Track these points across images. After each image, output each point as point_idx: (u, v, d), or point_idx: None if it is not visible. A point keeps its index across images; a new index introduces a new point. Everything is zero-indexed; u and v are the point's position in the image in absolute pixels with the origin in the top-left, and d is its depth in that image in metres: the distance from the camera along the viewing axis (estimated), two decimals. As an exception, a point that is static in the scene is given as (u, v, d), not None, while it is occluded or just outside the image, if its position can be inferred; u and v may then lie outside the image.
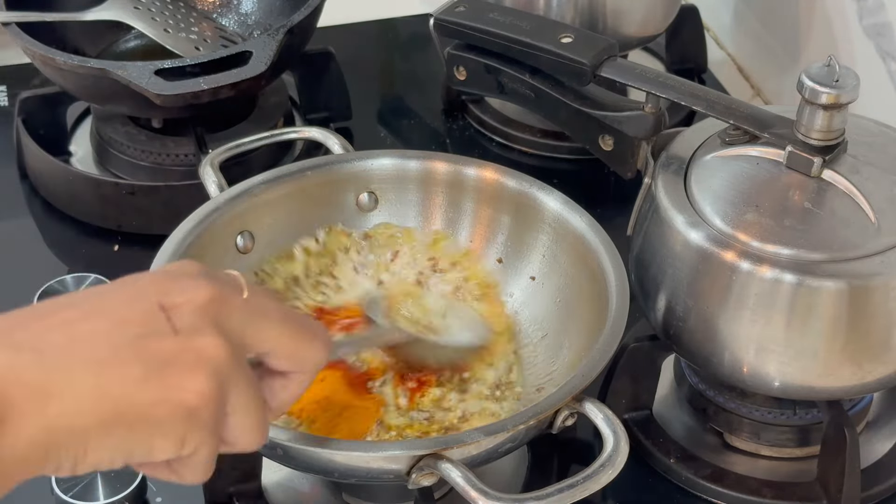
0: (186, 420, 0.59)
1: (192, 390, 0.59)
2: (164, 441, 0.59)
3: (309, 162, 0.96)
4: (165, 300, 0.61)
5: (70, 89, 1.11)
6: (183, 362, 0.59)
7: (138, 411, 0.58)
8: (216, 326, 0.61)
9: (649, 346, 0.91)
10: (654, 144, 0.92)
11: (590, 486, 0.73)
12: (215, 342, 0.60)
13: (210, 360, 0.60)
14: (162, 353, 0.59)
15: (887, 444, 0.92)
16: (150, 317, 0.60)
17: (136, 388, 0.58)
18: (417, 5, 1.36)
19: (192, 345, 0.60)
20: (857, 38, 1.16)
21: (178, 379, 0.59)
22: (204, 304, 0.61)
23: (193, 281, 0.62)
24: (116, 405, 0.57)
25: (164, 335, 0.60)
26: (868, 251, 0.81)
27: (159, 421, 0.58)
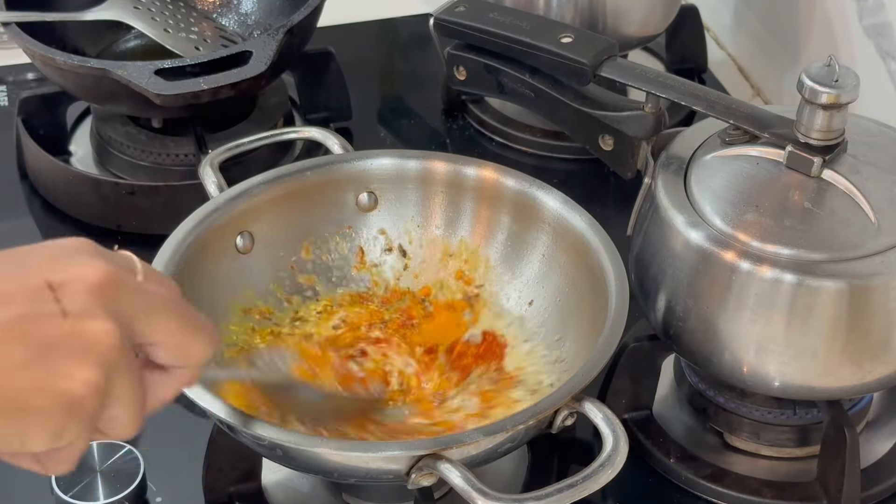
0: (67, 411, 0.55)
1: (79, 379, 0.55)
2: (40, 433, 0.55)
3: (309, 162, 0.96)
4: (54, 277, 0.56)
5: (70, 89, 1.11)
6: (70, 348, 0.55)
7: (16, 399, 0.54)
8: (107, 310, 0.57)
9: (649, 346, 0.91)
10: (654, 144, 0.92)
11: (589, 485, 0.73)
12: (106, 327, 0.56)
13: (99, 347, 0.56)
14: (47, 335, 0.55)
15: (887, 444, 0.92)
16: (36, 294, 0.56)
17: (17, 373, 0.54)
18: (417, 5, 1.36)
19: (81, 329, 0.56)
20: (857, 38, 1.16)
21: (63, 366, 0.55)
22: (96, 284, 0.57)
23: (86, 258, 0.58)
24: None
25: (51, 316, 0.56)
26: (868, 251, 0.81)
27: (39, 410, 0.55)
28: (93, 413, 0.56)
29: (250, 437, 0.76)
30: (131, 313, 0.58)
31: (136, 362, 0.59)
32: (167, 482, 0.88)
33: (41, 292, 0.56)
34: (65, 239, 0.60)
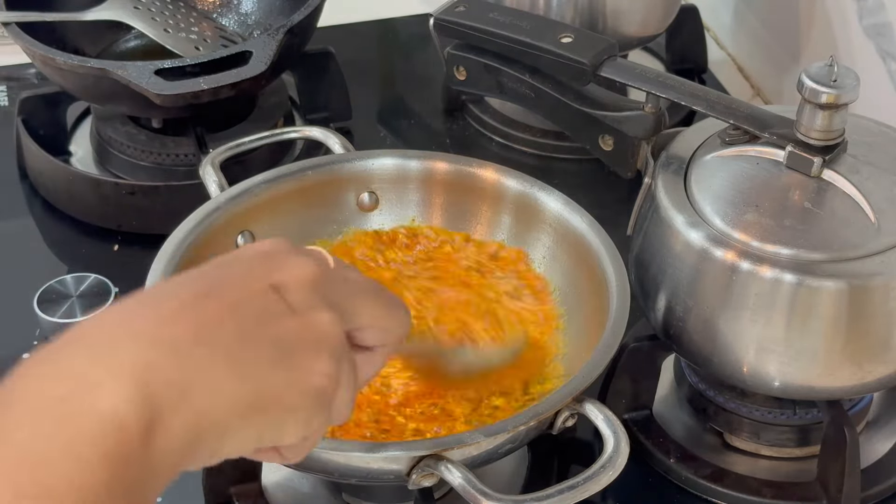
0: (315, 402, 0.58)
1: (319, 371, 0.58)
2: (295, 425, 0.58)
3: (309, 162, 0.96)
4: (274, 279, 0.59)
5: (70, 89, 1.11)
6: (306, 342, 0.58)
7: (273, 395, 0.57)
8: (325, 301, 0.60)
9: (649, 346, 0.91)
10: (654, 144, 0.92)
11: (590, 486, 0.73)
12: (330, 318, 0.60)
13: (328, 337, 0.59)
14: (285, 333, 0.58)
15: (887, 444, 0.92)
16: (264, 297, 0.58)
17: (270, 371, 0.56)
18: (417, 5, 1.36)
19: (310, 322, 0.59)
20: (857, 38, 1.16)
21: (305, 360, 0.58)
22: (312, 280, 0.60)
23: (294, 258, 0.61)
24: (253, 391, 0.56)
25: (283, 315, 0.58)
26: (868, 251, 0.81)
27: (292, 405, 0.57)
28: (331, 401, 0.59)
29: (251, 438, 0.76)
30: (341, 302, 0.61)
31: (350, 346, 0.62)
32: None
33: (267, 294, 0.59)
34: (262, 242, 0.63)
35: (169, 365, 0.54)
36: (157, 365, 0.53)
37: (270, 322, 0.58)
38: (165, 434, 0.52)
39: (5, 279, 1.06)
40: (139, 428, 0.51)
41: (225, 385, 0.55)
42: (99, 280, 1.00)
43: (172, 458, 0.53)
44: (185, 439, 0.53)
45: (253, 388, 0.56)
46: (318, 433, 0.60)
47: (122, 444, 0.51)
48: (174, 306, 0.56)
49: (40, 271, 1.05)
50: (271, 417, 0.57)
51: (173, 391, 0.53)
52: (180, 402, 0.53)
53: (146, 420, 0.52)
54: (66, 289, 0.99)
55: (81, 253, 1.10)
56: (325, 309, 0.60)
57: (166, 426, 0.52)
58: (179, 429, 0.53)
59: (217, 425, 0.55)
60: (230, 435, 0.55)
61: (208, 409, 0.54)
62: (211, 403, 0.54)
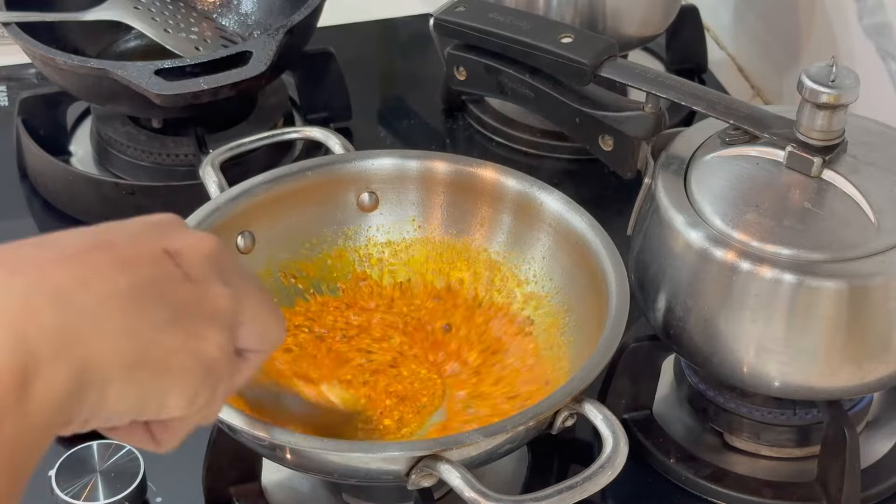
0: (204, 374, 0.56)
1: (213, 342, 0.56)
2: (179, 395, 0.55)
3: (309, 162, 0.96)
4: (168, 244, 0.57)
5: (70, 89, 1.11)
6: (200, 311, 0.56)
7: (163, 357, 0.54)
8: (221, 277, 0.58)
9: (649, 346, 0.91)
10: (654, 144, 0.92)
11: (589, 487, 0.73)
12: (227, 293, 0.57)
13: (224, 312, 0.57)
14: (180, 297, 0.55)
15: (887, 444, 0.92)
16: (158, 259, 0.56)
17: (162, 331, 0.54)
18: (417, 5, 1.36)
19: (207, 293, 0.57)
20: (857, 38, 1.16)
21: (199, 327, 0.55)
22: (211, 253, 0.58)
23: (190, 231, 0.59)
24: (143, 347, 0.53)
25: (179, 281, 0.56)
26: (868, 251, 0.81)
27: (180, 371, 0.55)
28: (220, 381, 0.57)
29: (250, 438, 0.76)
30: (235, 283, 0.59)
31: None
32: (167, 482, 0.88)
33: (162, 258, 0.56)
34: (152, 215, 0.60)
35: (52, 311, 0.50)
36: (38, 310, 0.50)
37: (165, 284, 0.55)
38: (43, 385, 0.49)
39: (5, 279, 1.06)
40: (13, 379, 0.48)
41: (112, 336, 0.52)
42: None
43: (52, 413, 0.50)
44: (64, 392, 0.50)
45: (142, 343, 0.53)
46: (198, 415, 0.57)
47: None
48: (60, 254, 0.53)
49: (40, 271, 1.05)
50: (158, 379, 0.54)
51: (55, 338, 0.50)
52: (62, 350, 0.50)
53: (22, 370, 0.48)
54: (66, 289, 0.99)
55: (81, 253, 1.09)
56: (221, 283, 0.57)
57: (45, 376, 0.49)
58: (59, 379, 0.50)
59: (100, 378, 0.51)
60: (112, 391, 0.52)
61: (92, 359, 0.51)
62: (95, 353, 0.51)
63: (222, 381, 0.57)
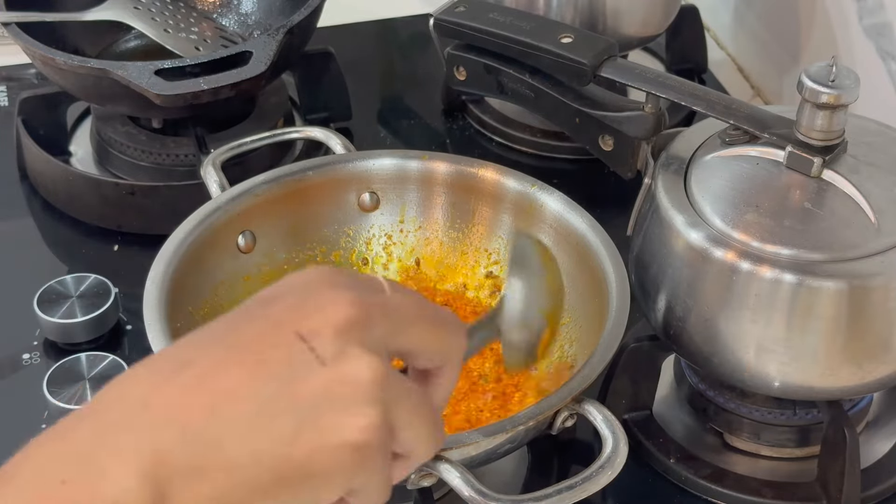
0: (353, 460, 0.54)
1: (355, 427, 0.53)
2: (330, 489, 0.54)
3: (310, 162, 0.96)
4: (303, 327, 0.54)
5: (70, 89, 1.11)
6: (338, 397, 0.53)
7: (298, 468, 0.53)
8: (363, 343, 0.55)
9: (649, 346, 0.91)
10: (654, 144, 0.92)
11: (589, 487, 0.73)
12: (368, 363, 0.54)
13: (366, 385, 0.54)
14: (312, 392, 0.53)
15: (887, 444, 0.92)
16: (290, 352, 0.54)
17: (292, 443, 0.52)
18: (417, 5, 1.36)
19: (343, 373, 0.54)
20: (857, 38, 1.16)
21: (335, 418, 0.53)
22: (345, 323, 0.55)
23: (328, 294, 0.56)
24: (274, 468, 0.52)
25: (310, 370, 0.53)
26: (868, 251, 0.81)
27: (323, 471, 0.53)
28: (380, 451, 0.55)
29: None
30: (384, 336, 0.56)
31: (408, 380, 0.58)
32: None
33: (294, 347, 0.54)
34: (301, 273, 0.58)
35: (179, 449, 0.51)
36: (166, 449, 0.51)
37: (295, 382, 0.53)
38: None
39: (5, 279, 1.06)
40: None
41: (240, 466, 0.52)
42: (99, 280, 1.00)
43: None
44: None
45: (272, 465, 0.52)
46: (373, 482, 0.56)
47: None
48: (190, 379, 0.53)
49: (40, 271, 1.05)
50: (300, 488, 0.53)
51: (183, 477, 0.50)
52: (192, 484, 0.50)
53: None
54: (66, 289, 0.99)
55: (81, 253, 1.10)
56: (359, 354, 0.54)
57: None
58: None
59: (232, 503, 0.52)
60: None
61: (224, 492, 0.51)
62: (224, 486, 0.51)
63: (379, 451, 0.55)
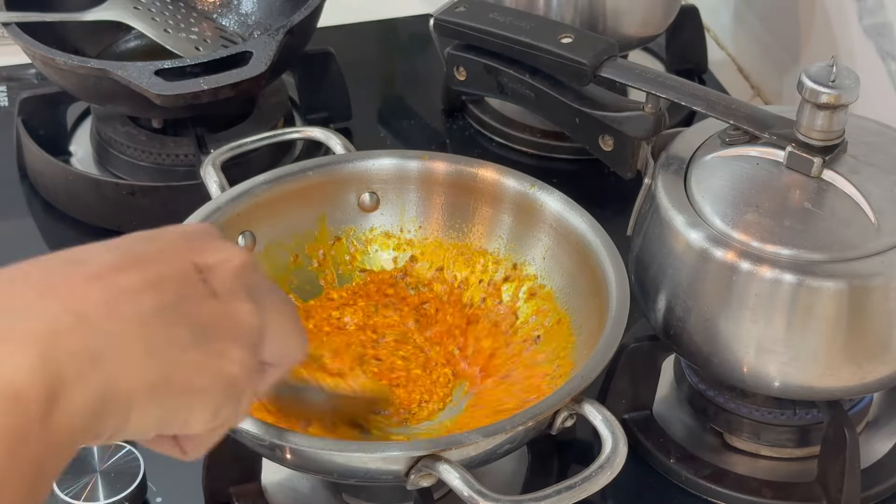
0: (225, 390, 0.57)
1: (234, 359, 0.57)
2: (202, 411, 0.56)
3: (310, 162, 0.96)
4: (199, 260, 0.58)
5: (70, 89, 1.11)
6: (223, 328, 0.57)
7: (185, 377, 0.55)
8: (248, 292, 0.59)
9: (649, 346, 0.91)
10: (654, 144, 0.92)
11: (588, 487, 0.73)
12: (251, 309, 0.58)
13: (247, 328, 0.58)
14: (203, 317, 0.56)
15: (887, 444, 0.92)
16: (186, 276, 0.57)
17: (184, 352, 0.55)
18: (417, 5, 1.36)
19: (230, 310, 0.57)
20: (857, 38, 1.16)
21: (221, 345, 0.56)
22: (238, 268, 0.59)
23: (222, 243, 0.60)
24: (165, 369, 0.54)
25: (204, 298, 0.57)
26: (868, 251, 0.81)
27: (203, 390, 0.56)
28: (244, 394, 0.58)
29: (250, 437, 0.76)
30: (261, 298, 0.60)
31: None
32: (167, 482, 0.88)
33: (190, 274, 0.57)
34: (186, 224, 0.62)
35: (76, 333, 0.52)
36: (63, 332, 0.51)
37: (190, 302, 0.56)
38: (68, 406, 0.50)
39: (5, 279, 1.06)
40: (39, 400, 0.49)
41: (135, 358, 0.53)
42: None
43: (76, 430, 0.51)
44: (88, 412, 0.51)
45: (164, 364, 0.54)
46: (222, 427, 0.58)
47: (20, 415, 0.49)
48: (89, 273, 0.54)
49: (40, 271, 1.04)
50: (180, 398, 0.55)
51: (80, 361, 0.51)
52: (86, 372, 0.51)
53: (48, 390, 0.50)
54: (66, 289, 0.99)
55: (81, 253, 1.09)
56: (246, 299, 0.58)
57: (69, 398, 0.50)
58: (83, 401, 0.51)
59: (124, 401, 0.53)
60: (136, 411, 0.53)
61: (116, 383, 0.52)
62: (119, 375, 0.52)
63: (244, 394, 0.58)
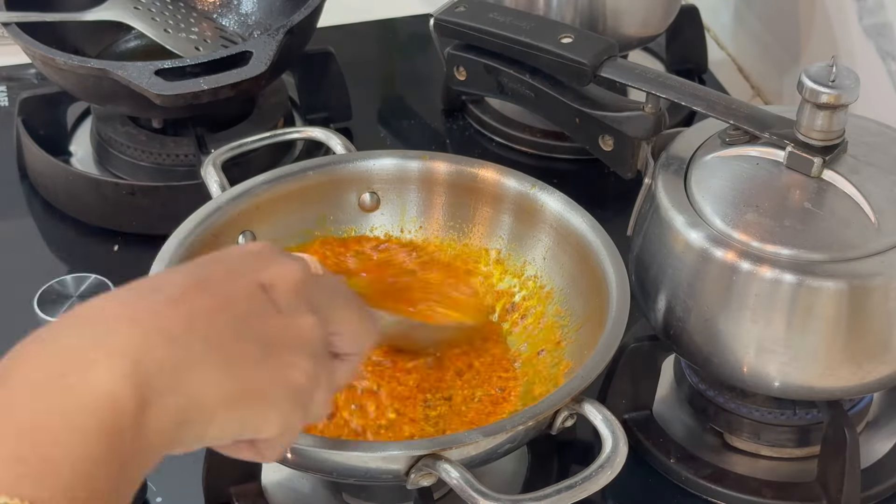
0: (294, 399, 0.61)
1: (300, 369, 0.61)
2: (275, 419, 0.60)
3: (311, 162, 0.96)
4: (263, 278, 0.62)
5: (70, 89, 1.11)
6: (289, 341, 0.61)
7: (257, 389, 0.59)
8: (308, 305, 0.63)
9: (649, 346, 0.91)
10: (654, 144, 0.92)
11: (588, 486, 0.73)
12: (312, 322, 0.62)
13: (310, 339, 0.62)
14: (270, 332, 0.61)
15: (887, 444, 0.92)
16: (253, 295, 0.61)
17: (255, 367, 0.59)
18: (417, 5, 1.36)
19: (294, 323, 0.62)
20: (857, 38, 1.16)
21: (287, 358, 0.61)
22: (297, 283, 0.63)
23: (281, 260, 0.64)
24: (241, 382, 0.58)
25: (270, 314, 0.61)
26: (868, 251, 0.81)
27: (274, 399, 0.60)
28: (310, 400, 0.62)
29: (250, 438, 0.76)
30: (322, 308, 0.64)
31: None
32: (167, 482, 0.88)
33: (256, 293, 0.62)
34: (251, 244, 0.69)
35: (163, 350, 0.56)
36: (151, 349, 0.56)
37: (258, 320, 0.61)
38: (157, 414, 0.55)
39: (5, 279, 1.07)
40: (133, 406, 0.54)
41: (214, 375, 0.57)
42: (99, 280, 1.00)
43: (161, 438, 0.55)
44: (174, 421, 0.56)
45: (239, 380, 0.58)
46: (294, 430, 0.63)
47: (117, 418, 0.53)
48: (168, 297, 0.59)
49: (40, 271, 1.05)
50: (254, 409, 0.59)
51: (166, 375, 0.55)
52: (172, 385, 0.56)
53: (140, 399, 0.54)
54: (66, 289, 0.99)
55: (81, 253, 1.10)
56: (307, 312, 0.63)
57: (158, 407, 0.55)
58: (170, 411, 0.55)
59: (205, 412, 0.57)
60: (216, 422, 0.58)
61: (198, 395, 0.57)
62: (201, 391, 0.57)
63: (313, 398, 0.63)
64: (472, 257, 0.95)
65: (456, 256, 0.95)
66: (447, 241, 0.96)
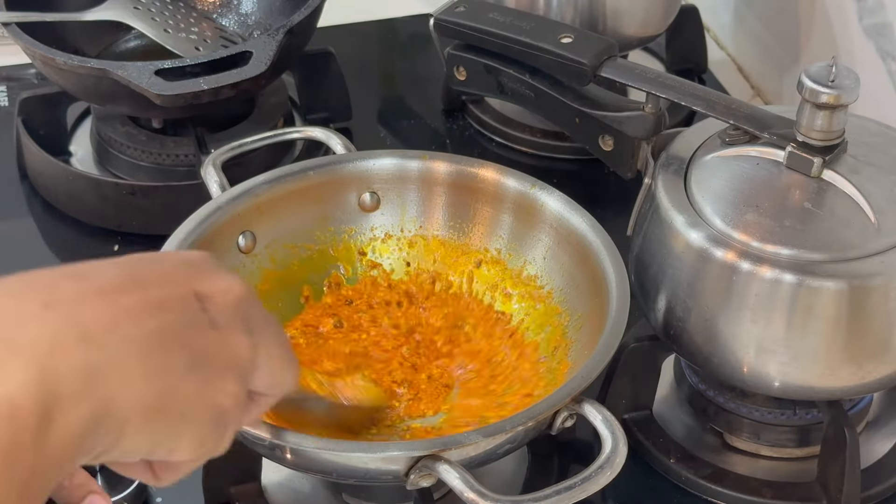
0: (215, 422, 0.56)
1: (227, 392, 0.57)
2: (190, 440, 0.56)
3: (311, 162, 0.96)
4: (200, 288, 0.57)
5: (70, 89, 1.11)
6: (219, 359, 0.57)
7: (178, 403, 0.54)
8: (245, 325, 0.58)
9: (649, 346, 0.91)
10: (654, 144, 0.92)
11: (588, 487, 0.73)
12: (247, 343, 0.58)
13: (241, 362, 0.58)
14: (202, 345, 0.56)
15: (887, 444, 0.92)
16: (187, 304, 0.56)
17: (181, 379, 0.55)
18: (417, 5, 1.36)
19: (227, 341, 0.57)
20: (857, 38, 1.16)
21: (216, 376, 0.56)
22: (237, 300, 0.58)
23: (222, 273, 0.60)
24: (161, 394, 0.54)
25: (203, 327, 0.56)
26: (868, 251, 0.81)
27: (193, 419, 0.55)
28: (229, 429, 0.57)
29: (250, 437, 0.76)
30: (256, 331, 0.59)
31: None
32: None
33: (190, 302, 0.57)
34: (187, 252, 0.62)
35: (77, 350, 0.51)
36: (63, 348, 0.51)
37: (189, 330, 0.56)
38: (63, 422, 0.50)
39: (5, 279, 1.06)
40: (34, 415, 0.49)
41: (133, 379, 0.53)
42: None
43: (67, 449, 0.50)
44: (81, 430, 0.51)
45: (161, 389, 0.54)
46: (204, 457, 0.58)
47: (14, 432, 0.48)
48: (96, 287, 0.54)
49: (40, 272, 1.04)
50: (171, 425, 0.55)
51: (79, 377, 0.51)
52: (84, 388, 0.51)
53: (43, 406, 0.49)
54: (66, 289, 0.99)
55: (81, 253, 1.10)
56: (243, 332, 0.58)
57: (65, 414, 0.50)
58: (78, 417, 0.50)
59: (117, 419, 0.52)
60: (127, 433, 0.53)
61: (112, 400, 0.52)
62: (116, 395, 0.52)
63: (230, 426, 0.58)
64: (468, 258, 0.95)
65: None
66: (447, 242, 0.96)
